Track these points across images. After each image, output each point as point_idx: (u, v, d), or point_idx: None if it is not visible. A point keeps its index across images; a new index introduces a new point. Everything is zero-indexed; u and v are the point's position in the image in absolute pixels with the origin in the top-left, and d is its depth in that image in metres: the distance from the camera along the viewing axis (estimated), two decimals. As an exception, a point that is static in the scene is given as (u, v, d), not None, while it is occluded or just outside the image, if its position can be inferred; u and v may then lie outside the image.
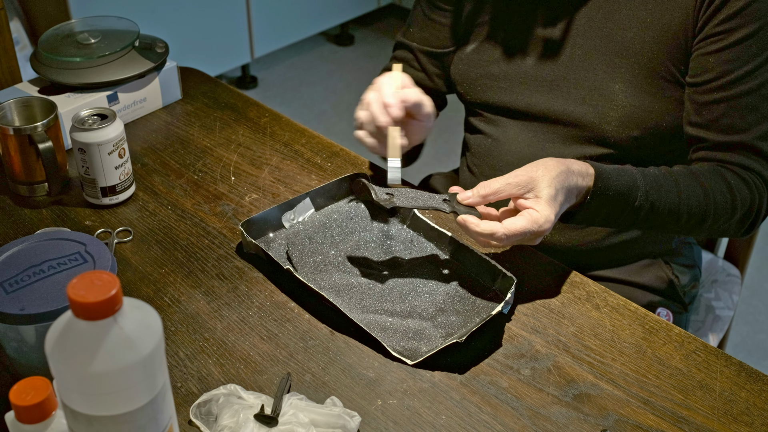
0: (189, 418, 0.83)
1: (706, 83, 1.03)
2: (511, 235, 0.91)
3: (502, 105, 1.17)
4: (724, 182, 1.03)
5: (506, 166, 1.17)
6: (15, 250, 0.88)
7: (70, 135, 1.12)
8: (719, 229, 1.07)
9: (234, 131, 1.33)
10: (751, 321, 2.27)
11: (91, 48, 1.32)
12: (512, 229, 0.91)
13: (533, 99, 1.14)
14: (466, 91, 1.21)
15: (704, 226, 1.05)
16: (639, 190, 0.99)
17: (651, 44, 1.05)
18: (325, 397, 0.86)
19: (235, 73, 3.37)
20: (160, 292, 1.01)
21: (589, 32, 1.09)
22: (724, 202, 1.03)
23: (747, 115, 1.03)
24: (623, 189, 0.98)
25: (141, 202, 1.17)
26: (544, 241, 1.17)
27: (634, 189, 0.99)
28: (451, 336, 0.94)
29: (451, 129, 3.06)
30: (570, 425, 0.84)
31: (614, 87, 1.08)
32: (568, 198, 0.96)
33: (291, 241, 1.08)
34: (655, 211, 1.00)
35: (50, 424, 0.70)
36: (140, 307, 0.63)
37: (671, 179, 1.02)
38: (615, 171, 0.99)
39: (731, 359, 0.92)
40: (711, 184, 1.03)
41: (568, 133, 1.13)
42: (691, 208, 1.02)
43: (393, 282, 1.01)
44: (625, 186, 0.99)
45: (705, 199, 1.02)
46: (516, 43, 1.15)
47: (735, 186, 1.03)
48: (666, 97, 1.07)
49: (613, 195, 0.98)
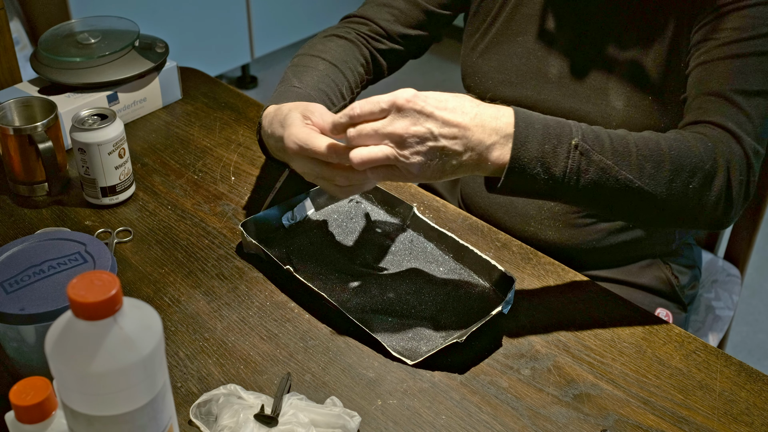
0: (189, 418, 0.83)
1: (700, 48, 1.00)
2: (368, 103, 0.84)
3: (512, 100, 1.17)
4: (681, 137, 0.92)
5: None
6: (15, 250, 0.88)
7: (70, 135, 1.12)
8: (689, 190, 0.90)
9: (234, 131, 1.33)
10: (751, 321, 2.27)
11: (91, 48, 1.32)
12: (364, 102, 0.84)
13: (542, 95, 1.14)
14: (475, 85, 1.21)
15: (668, 180, 0.89)
16: (572, 127, 0.87)
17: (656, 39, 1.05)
18: (325, 397, 0.86)
19: (235, 73, 3.37)
20: (160, 292, 1.01)
21: (599, 30, 1.09)
22: (685, 151, 0.90)
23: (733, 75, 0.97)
24: (552, 122, 0.87)
25: (141, 202, 1.17)
26: (544, 241, 1.18)
27: (566, 125, 0.87)
28: (451, 336, 0.94)
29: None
30: (570, 425, 0.84)
31: (619, 84, 1.08)
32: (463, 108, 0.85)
33: (291, 241, 1.08)
34: (600, 149, 0.86)
35: (50, 424, 0.70)
36: (140, 307, 0.63)
37: (618, 131, 0.90)
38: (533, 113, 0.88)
39: (731, 359, 0.92)
40: (666, 140, 0.90)
41: None
42: (642, 153, 0.88)
43: (393, 282, 1.01)
44: (553, 120, 0.87)
45: (660, 146, 0.89)
46: (528, 38, 1.15)
47: (695, 140, 0.92)
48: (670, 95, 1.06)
49: (540, 127, 0.85)
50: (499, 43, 1.18)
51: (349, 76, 1.17)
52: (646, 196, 0.89)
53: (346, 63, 1.17)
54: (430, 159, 0.84)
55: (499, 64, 1.18)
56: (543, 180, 0.86)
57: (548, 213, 1.17)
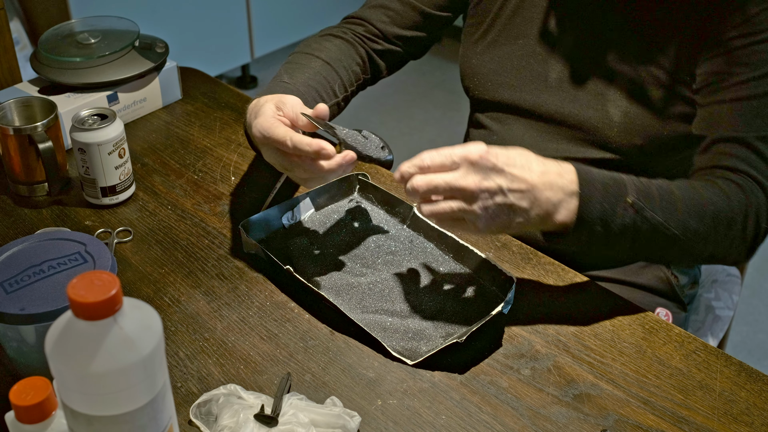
0: (189, 418, 0.83)
1: (710, 85, 1.02)
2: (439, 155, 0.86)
3: (510, 102, 1.17)
4: (718, 189, 0.96)
5: None
6: (15, 250, 0.88)
7: (70, 135, 1.12)
8: (723, 239, 0.96)
9: (234, 131, 1.33)
10: (751, 321, 2.27)
11: (91, 48, 1.32)
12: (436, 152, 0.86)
13: (541, 99, 1.14)
14: (474, 86, 1.21)
15: (707, 234, 0.94)
16: (626, 183, 0.91)
17: (653, 57, 1.05)
18: (325, 397, 0.86)
19: (235, 73, 3.37)
20: (160, 292, 1.01)
21: (600, 39, 1.09)
22: (722, 207, 0.95)
23: (750, 118, 1.00)
24: (608, 179, 0.91)
25: (141, 202, 1.17)
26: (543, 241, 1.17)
27: (620, 182, 0.91)
28: (451, 336, 0.94)
29: (452, 128, 3.06)
30: (570, 425, 0.84)
31: (614, 94, 1.08)
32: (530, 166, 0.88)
33: (291, 241, 1.08)
34: (651, 206, 0.90)
35: (50, 424, 0.70)
36: (140, 307, 0.63)
37: (663, 183, 0.94)
38: (592, 169, 0.92)
39: (731, 359, 0.92)
40: (706, 191, 0.96)
41: (573, 135, 1.13)
42: (690, 209, 0.93)
43: (393, 282, 1.01)
44: (609, 177, 0.91)
45: (702, 201, 0.94)
46: (529, 41, 1.15)
47: (730, 192, 0.96)
48: (665, 110, 1.07)
49: (600, 186, 0.89)
50: (498, 44, 1.18)
51: (343, 74, 1.17)
52: (687, 247, 0.94)
53: (340, 61, 1.17)
54: (497, 214, 0.86)
55: (498, 66, 1.18)
56: (601, 235, 0.90)
57: None
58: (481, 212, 0.86)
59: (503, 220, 0.87)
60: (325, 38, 1.22)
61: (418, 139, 3.02)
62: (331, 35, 1.22)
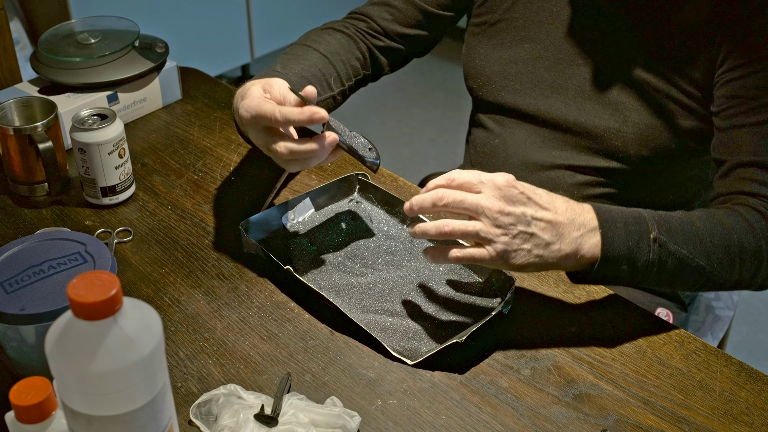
0: (189, 418, 0.83)
1: (730, 108, 1.01)
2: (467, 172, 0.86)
3: (514, 106, 1.17)
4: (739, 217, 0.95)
5: (510, 168, 1.17)
6: (15, 250, 0.88)
7: (70, 135, 1.12)
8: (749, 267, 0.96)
9: (234, 131, 1.33)
10: (751, 321, 2.27)
11: (91, 48, 1.32)
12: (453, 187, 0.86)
13: (546, 104, 1.14)
14: (478, 87, 1.21)
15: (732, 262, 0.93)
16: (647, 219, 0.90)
17: (669, 71, 1.05)
18: (325, 397, 0.86)
19: (235, 73, 3.37)
20: (160, 292, 1.01)
21: (610, 48, 1.08)
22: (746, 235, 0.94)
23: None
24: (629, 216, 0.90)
25: (141, 202, 1.17)
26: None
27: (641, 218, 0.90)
28: (451, 336, 0.93)
29: (452, 128, 3.06)
30: (570, 425, 0.84)
31: (627, 105, 1.07)
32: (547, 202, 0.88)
33: (291, 241, 1.08)
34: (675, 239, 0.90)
35: (50, 424, 0.70)
36: (140, 307, 0.63)
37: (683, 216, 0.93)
38: (615, 210, 0.91)
39: (731, 359, 0.92)
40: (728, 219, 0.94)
41: (577, 142, 1.13)
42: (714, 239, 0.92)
43: (393, 282, 1.01)
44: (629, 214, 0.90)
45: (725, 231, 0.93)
46: (537, 46, 1.14)
47: (752, 219, 0.95)
48: (677, 123, 1.06)
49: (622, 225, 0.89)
50: (504, 46, 1.17)
51: (340, 68, 1.17)
52: (713, 277, 0.94)
53: (338, 55, 1.17)
54: (518, 243, 0.85)
55: (502, 69, 1.17)
56: (627, 272, 0.90)
57: None
58: (502, 237, 0.85)
59: (523, 250, 0.86)
60: (326, 31, 1.21)
61: (418, 139, 3.02)
62: (332, 29, 1.22)
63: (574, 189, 1.15)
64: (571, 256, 0.88)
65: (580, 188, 1.15)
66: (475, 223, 0.86)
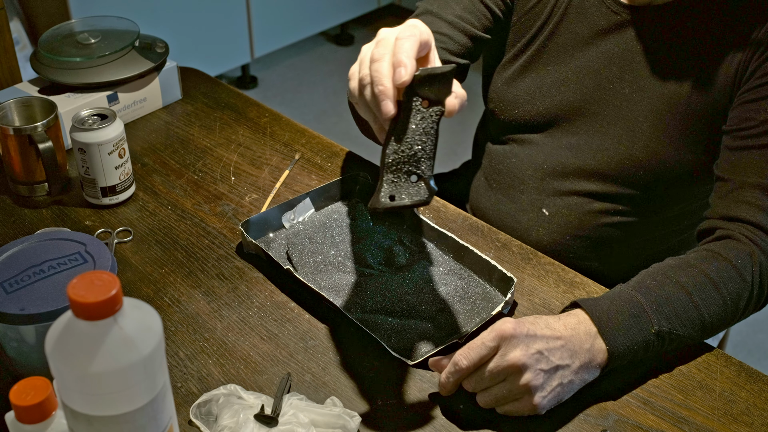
0: (189, 418, 0.83)
1: (741, 130, 1.00)
2: (472, 350, 0.82)
3: (534, 126, 1.16)
4: (730, 267, 0.94)
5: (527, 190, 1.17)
6: (15, 250, 0.88)
7: (70, 135, 1.12)
8: (743, 313, 0.97)
9: (234, 131, 1.33)
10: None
11: (91, 48, 1.32)
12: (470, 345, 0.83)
13: (568, 128, 1.13)
14: (500, 111, 1.19)
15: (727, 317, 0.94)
16: (648, 312, 0.89)
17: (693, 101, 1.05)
18: (325, 397, 0.86)
19: (235, 73, 3.37)
20: (160, 292, 1.01)
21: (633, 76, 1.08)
22: (738, 286, 0.94)
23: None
24: (625, 311, 0.89)
25: (141, 202, 1.17)
26: (544, 241, 1.17)
27: (639, 311, 0.89)
28: (451, 336, 0.94)
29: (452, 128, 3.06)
30: (570, 425, 0.84)
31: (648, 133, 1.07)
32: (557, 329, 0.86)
33: (291, 241, 1.08)
34: (674, 326, 0.90)
35: (50, 424, 0.70)
36: (140, 307, 0.63)
37: (677, 291, 0.92)
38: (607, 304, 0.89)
39: (731, 359, 0.92)
40: (720, 275, 0.94)
41: (597, 168, 1.12)
42: (709, 310, 0.92)
43: (393, 282, 1.01)
44: (627, 310, 0.89)
45: (720, 296, 0.93)
46: (562, 69, 1.13)
47: (740, 266, 0.95)
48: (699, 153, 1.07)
49: (618, 319, 0.88)
50: (528, 71, 1.15)
51: None
52: (711, 333, 0.94)
53: None
54: (546, 380, 0.83)
55: (525, 93, 1.15)
56: (633, 360, 0.89)
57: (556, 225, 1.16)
58: (533, 381, 0.82)
59: (554, 386, 0.84)
60: None
61: (418, 139, 3.01)
62: None
63: (590, 217, 1.14)
64: (590, 366, 0.86)
65: (596, 216, 1.14)
66: (502, 388, 0.83)
